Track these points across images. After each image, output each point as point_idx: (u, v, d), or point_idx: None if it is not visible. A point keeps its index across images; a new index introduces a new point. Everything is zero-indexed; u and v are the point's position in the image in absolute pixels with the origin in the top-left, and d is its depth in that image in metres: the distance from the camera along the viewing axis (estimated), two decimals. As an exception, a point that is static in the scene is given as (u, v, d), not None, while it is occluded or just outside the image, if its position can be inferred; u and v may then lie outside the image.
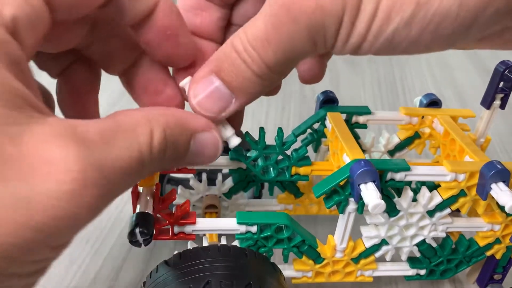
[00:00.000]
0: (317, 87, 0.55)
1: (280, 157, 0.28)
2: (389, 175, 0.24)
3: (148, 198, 0.24)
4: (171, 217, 0.23)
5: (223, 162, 0.29)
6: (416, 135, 0.32)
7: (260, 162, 0.28)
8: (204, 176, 0.31)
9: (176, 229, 0.24)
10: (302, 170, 0.28)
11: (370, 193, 0.21)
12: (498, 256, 0.28)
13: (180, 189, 0.32)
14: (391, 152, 0.33)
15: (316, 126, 0.31)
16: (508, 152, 0.46)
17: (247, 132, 0.26)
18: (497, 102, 0.30)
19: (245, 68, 0.19)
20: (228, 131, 0.21)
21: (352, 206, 0.24)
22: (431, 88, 0.60)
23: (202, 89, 0.20)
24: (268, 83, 0.20)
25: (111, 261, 0.31)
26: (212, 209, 0.32)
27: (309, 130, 0.31)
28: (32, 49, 0.16)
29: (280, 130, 0.26)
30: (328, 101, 0.30)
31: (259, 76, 0.19)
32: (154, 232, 0.23)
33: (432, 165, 0.25)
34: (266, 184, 0.31)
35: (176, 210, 0.23)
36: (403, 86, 0.60)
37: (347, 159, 0.25)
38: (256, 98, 0.21)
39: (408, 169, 0.23)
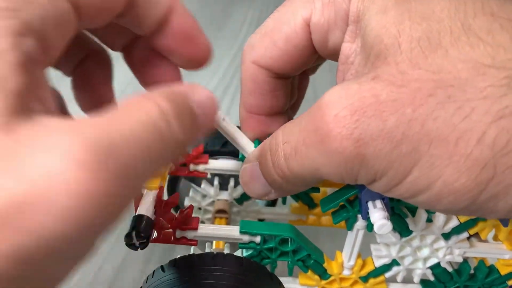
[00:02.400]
0: (317, 87, 0.54)
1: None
2: (402, 193, 0.22)
3: (151, 200, 0.23)
4: (172, 221, 0.23)
5: (235, 167, 0.29)
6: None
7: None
8: (216, 180, 0.31)
9: (178, 233, 0.23)
10: (313, 182, 0.27)
11: (377, 211, 0.20)
12: (521, 286, 0.26)
13: (191, 192, 0.32)
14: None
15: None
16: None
17: (257, 140, 0.26)
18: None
19: (272, 169, 0.20)
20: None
21: (360, 223, 0.23)
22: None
23: (249, 171, 0.22)
24: (293, 187, 0.21)
25: (111, 261, 0.31)
26: (222, 214, 0.31)
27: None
28: (57, 50, 0.15)
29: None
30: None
31: (282, 178, 0.20)
32: (156, 235, 0.23)
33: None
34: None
35: (178, 215, 0.23)
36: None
37: (358, 174, 0.24)
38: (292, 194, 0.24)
39: (422, 188, 0.22)
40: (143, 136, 0.14)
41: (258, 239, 0.24)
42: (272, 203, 0.33)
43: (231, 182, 0.31)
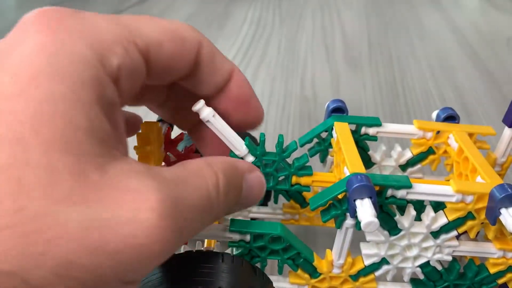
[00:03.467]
0: (317, 88, 0.54)
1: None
2: (390, 192, 0.22)
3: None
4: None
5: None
6: (430, 151, 0.30)
7: (260, 169, 0.27)
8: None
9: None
10: (303, 180, 0.27)
11: (364, 209, 0.20)
12: (511, 286, 0.26)
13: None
14: (403, 167, 0.31)
15: (324, 135, 0.30)
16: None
17: (247, 137, 0.26)
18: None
19: None
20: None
21: (349, 221, 0.23)
22: (432, 89, 0.59)
23: None
24: None
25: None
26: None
27: (316, 140, 0.30)
28: (128, 95, 0.18)
29: (280, 136, 0.25)
30: (337, 110, 0.29)
31: None
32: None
33: (439, 184, 0.23)
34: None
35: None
36: (404, 86, 0.60)
37: (347, 172, 0.24)
38: None
39: (409, 186, 0.22)
40: (198, 203, 0.17)
41: (248, 237, 0.24)
42: (262, 203, 0.33)
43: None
